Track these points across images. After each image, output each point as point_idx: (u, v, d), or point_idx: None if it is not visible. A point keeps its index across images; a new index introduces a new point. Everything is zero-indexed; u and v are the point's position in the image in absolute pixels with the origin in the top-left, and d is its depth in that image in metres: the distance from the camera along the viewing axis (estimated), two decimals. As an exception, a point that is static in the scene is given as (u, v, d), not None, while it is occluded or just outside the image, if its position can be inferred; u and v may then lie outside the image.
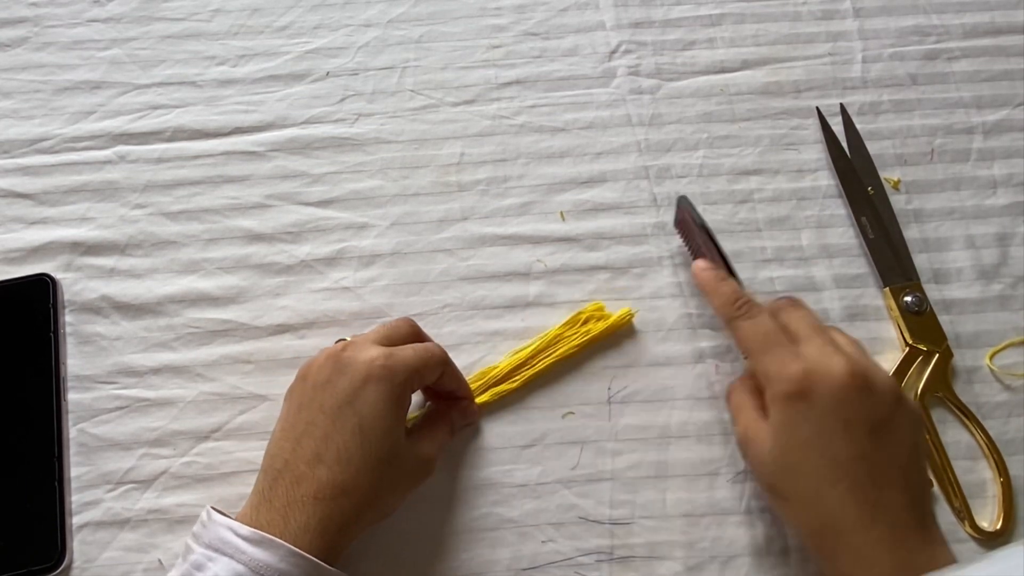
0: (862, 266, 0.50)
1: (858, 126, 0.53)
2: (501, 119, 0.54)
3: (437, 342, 0.44)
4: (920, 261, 0.50)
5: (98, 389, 0.46)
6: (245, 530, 0.35)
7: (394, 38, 0.56)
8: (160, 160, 0.52)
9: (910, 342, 0.47)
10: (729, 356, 0.47)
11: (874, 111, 0.54)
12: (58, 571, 0.42)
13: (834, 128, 0.53)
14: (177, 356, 0.47)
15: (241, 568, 0.34)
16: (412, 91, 0.54)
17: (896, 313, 0.48)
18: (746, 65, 0.55)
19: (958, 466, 0.45)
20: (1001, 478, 0.45)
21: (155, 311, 0.48)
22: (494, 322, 0.48)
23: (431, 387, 0.43)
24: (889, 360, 0.47)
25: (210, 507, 0.37)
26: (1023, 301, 0.49)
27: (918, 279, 0.49)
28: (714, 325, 0.48)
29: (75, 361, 0.47)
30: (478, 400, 0.45)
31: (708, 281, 0.43)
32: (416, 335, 0.43)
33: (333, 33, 0.56)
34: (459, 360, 0.46)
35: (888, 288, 0.48)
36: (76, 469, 0.44)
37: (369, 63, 0.55)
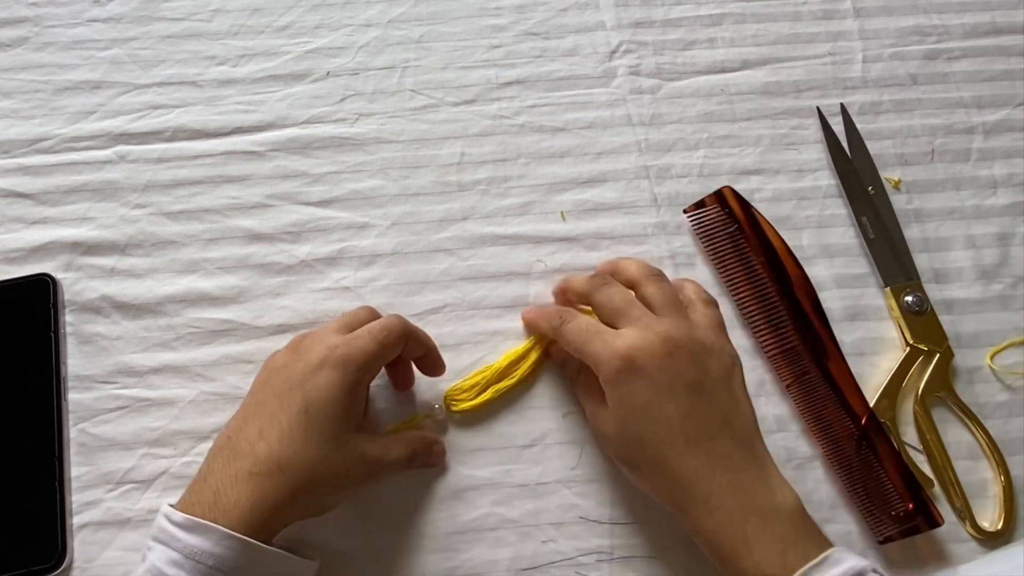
0: (863, 266, 0.50)
1: (858, 126, 0.53)
2: (501, 119, 0.53)
3: (435, 341, 0.44)
4: (921, 261, 0.50)
5: (98, 389, 0.46)
6: (178, 516, 0.35)
7: (394, 38, 0.56)
8: (160, 160, 0.52)
9: (911, 342, 0.47)
10: (729, 356, 0.47)
11: (874, 111, 0.54)
12: (58, 571, 0.42)
13: (834, 128, 0.53)
14: (177, 356, 0.47)
15: (176, 555, 0.34)
16: (412, 91, 0.54)
17: (897, 313, 0.48)
18: (746, 65, 0.55)
19: (959, 466, 0.45)
20: (1002, 478, 0.45)
21: (155, 311, 0.48)
22: (494, 322, 0.48)
23: (403, 359, 0.43)
24: (890, 360, 0.47)
25: (166, 502, 0.37)
26: (1023, 301, 0.49)
27: (919, 279, 0.49)
28: (714, 325, 0.48)
29: (75, 361, 0.47)
30: (480, 399, 0.45)
31: (532, 314, 0.46)
32: (374, 319, 0.42)
33: (333, 33, 0.56)
34: (459, 360, 0.47)
35: (889, 288, 0.48)
36: (76, 469, 0.44)
37: (369, 63, 0.55)
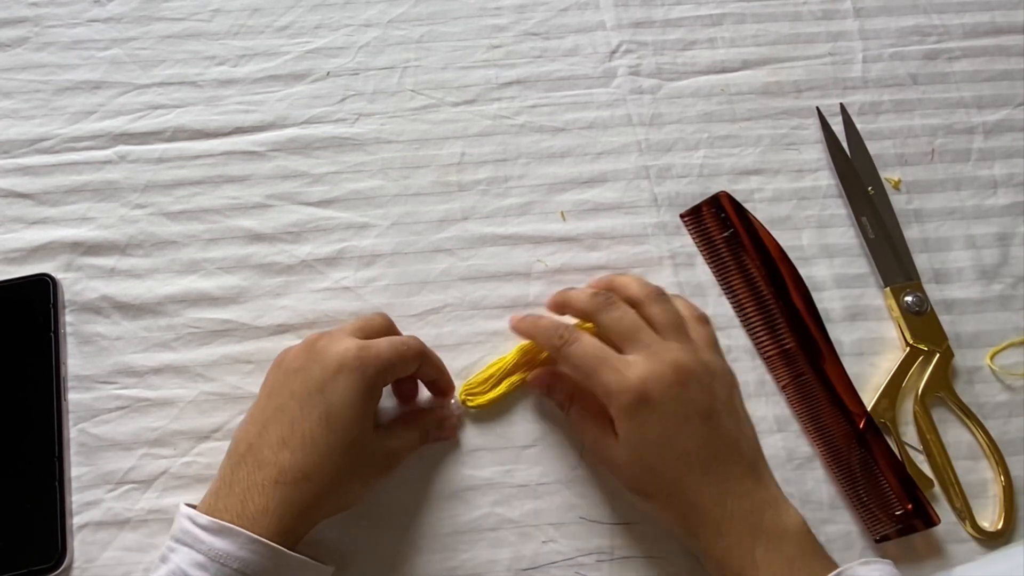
0: (863, 266, 0.50)
1: (858, 126, 0.53)
2: (501, 119, 0.53)
3: (435, 341, 0.44)
4: (921, 261, 0.50)
5: (98, 389, 0.46)
6: (204, 519, 0.35)
7: (394, 38, 0.56)
8: (160, 160, 0.52)
9: (911, 342, 0.47)
10: (729, 356, 0.47)
11: (874, 111, 0.54)
12: (58, 571, 0.42)
13: (834, 128, 0.53)
14: (177, 356, 0.47)
15: (200, 558, 0.34)
16: (412, 91, 0.54)
17: (897, 313, 0.48)
18: (746, 65, 0.55)
19: (959, 466, 0.45)
20: (1002, 478, 0.45)
21: (155, 311, 0.48)
22: (494, 322, 0.48)
23: (413, 377, 0.43)
24: (890, 360, 0.47)
25: (183, 503, 0.37)
26: (1023, 301, 0.49)
27: (919, 279, 0.49)
28: (715, 325, 0.48)
29: (75, 361, 0.47)
30: (495, 392, 0.45)
31: (526, 325, 0.45)
32: (390, 329, 0.43)
33: (333, 33, 0.56)
34: (459, 360, 0.47)
35: (889, 288, 0.48)
36: (76, 469, 0.44)
37: (369, 63, 0.55)
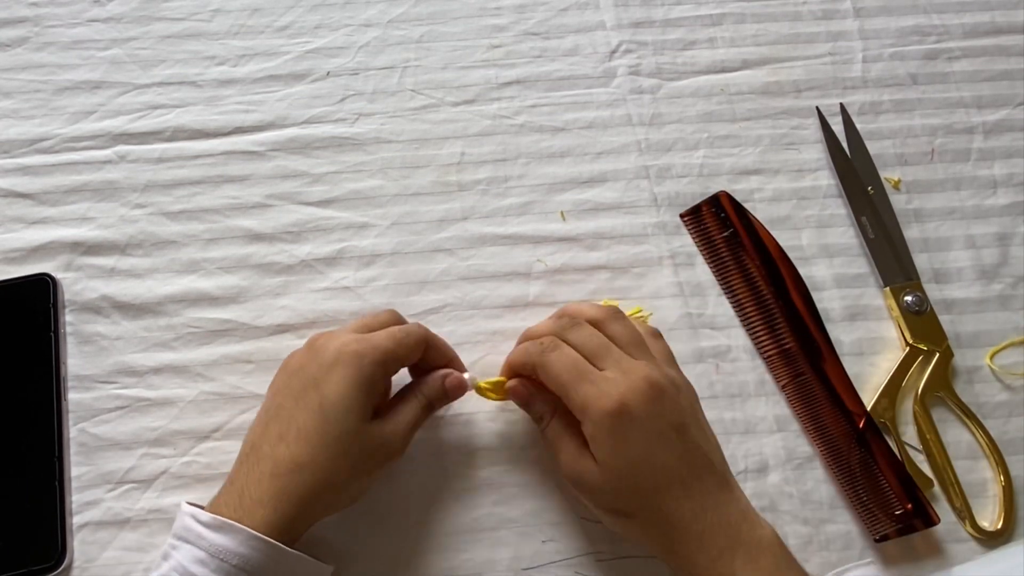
0: (862, 266, 0.50)
1: (858, 126, 0.53)
2: (501, 119, 0.53)
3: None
4: (920, 261, 0.50)
5: (98, 389, 0.46)
6: (205, 516, 0.35)
7: (394, 38, 0.56)
8: (160, 160, 0.52)
9: (910, 342, 0.47)
10: (729, 356, 0.47)
11: (874, 111, 0.54)
12: (58, 571, 0.42)
13: (834, 128, 0.53)
14: (177, 356, 0.47)
15: (201, 554, 0.34)
16: (412, 91, 0.54)
17: (896, 313, 0.48)
18: (746, 65, 0.55)
19: (959, 466, 0.45)
20: (1001, 478, 0.45)
21: (155, 311, 0.48)
22: (494, 322, 0.48)
23: (420, 365, 0.43)
24: (890, 360, 0.47)
25: (185, 501, 0.37)
26: (1023, 301, 0.49)
27: (918, 279, 0.49)
28: (715, 325, 0.48)
29: (75, 361, 0.47)
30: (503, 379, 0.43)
31: (510, 358, 0.42)
32: (396, 323, 0.43)
33: (333, 33, 0.56)
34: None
35: (888, 288, 0.48)
36: (76, 469, 0.44)
37: (369, 63, 0.55)
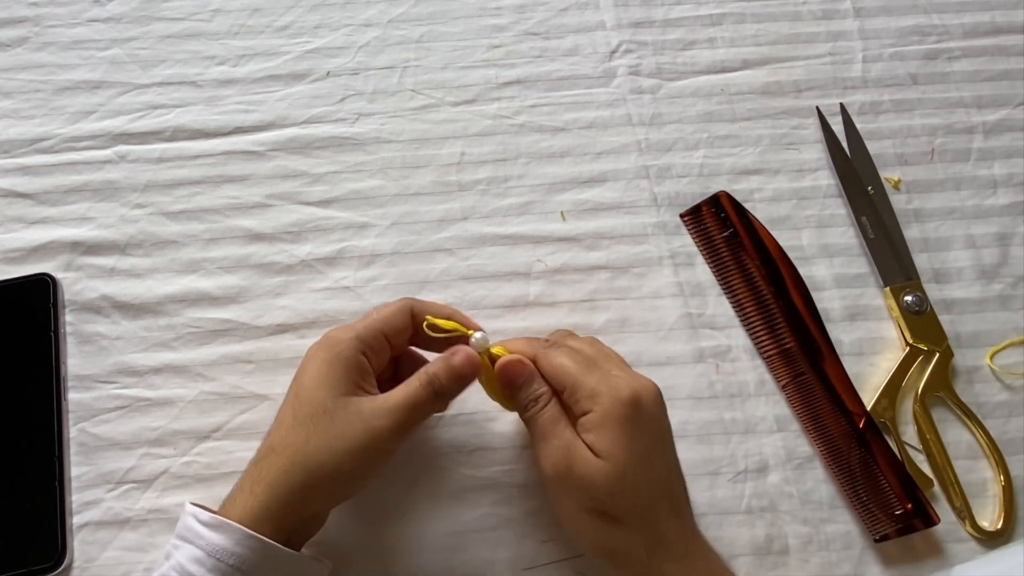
0: (862, 266, 0.50)
1: (858, 126, 0.53)
2: (501, 119, 0.53)
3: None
4: (920, 261, 0.50)
5: (98, 389, 0.46)
6: (205, 515, 0.35)
7: (394, 38, 0.56)
8: (160, 160, 0.52)
9: (910, 342, 0.47)
10: (729, 356, 0.47)
11: (874, 111, 0.54)
12: (58, 571, 0.42)
13: (834, 128, 0.53)
14: (177, 356, 0.47)
15: (199, 553, 0.34)
16: (412, 91, 0.54)
17: (896, 313, 0.48)
18: (746, 65, 0.55)
19: (959, 466, 0.45)
20: (1001, 478, 0.45)
21: (155, 311, 0.48)
22: (494, 322, 0.48)
23: (429, 339, 0.41)
24: (890, 360, 0.47)
25: (188, 501, 0.37)
26: (1023, 301, 0.49)
27: (918, 279, 0.49)
28: (715, 325, 0.48)
29: (75, 361, 0.47)
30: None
31: (515, 344, 0.41)
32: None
33: (333, 33, 0.56)
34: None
35: (888, 288, 0.48)
36: (76, 469, 0.44)
37: (369, 63, 0.55)
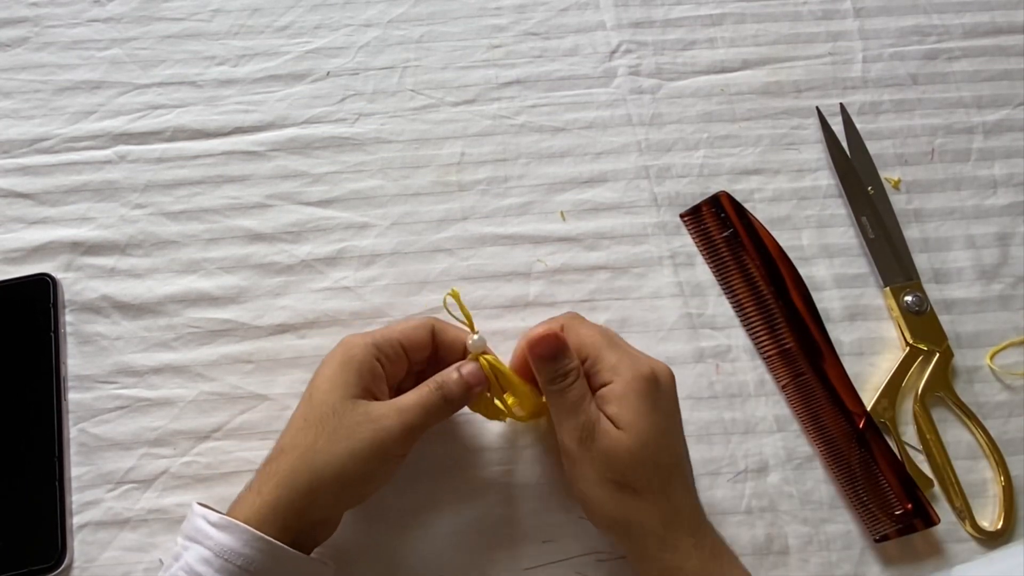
0: (862, 266, 0.50)
1: (858, 126, 0.53)
2: (501, 119, 0.54)
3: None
4: (920, 261, 0.50)
5: (98, 389, 0.46)
6: (214, 516, 0.35)
7: (394, 38, 0.56)
8: (160, 160, 0.52)
9: (910, 342, 0.47)
10: (729, 356, 0.47)
11: (874, 111, 0.54)
12: (58, 571, 0.42)
13: (834, 128, 0.53)
14: (177, 356, 0.47)
15: (208, 553, 0.34)
16: (412, 91, 0.54)
17: (896, 313, 0.48)
18: (746, 65, 0.55)
19: (959, 466, 0.45)
20: (1001, 478, 0.45)
21: (155, 311, 0.48)
22: (494, 322, 0.48)
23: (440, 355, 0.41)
24: (890, 360, 0.47)
25: (195, 502, 0.37)
26: (1023, 301, 0.49)
27: (918, 279, 0.49)
28: (715, 325, 0.48)
29: (75, 361, 0.47)
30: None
31: (535, 331, 0.40)
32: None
33: (333, 33, 0.56)
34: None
35: (888, 288, 0.48)
36: (76, 469, 0.44)
37: (369, 63, 0.55)
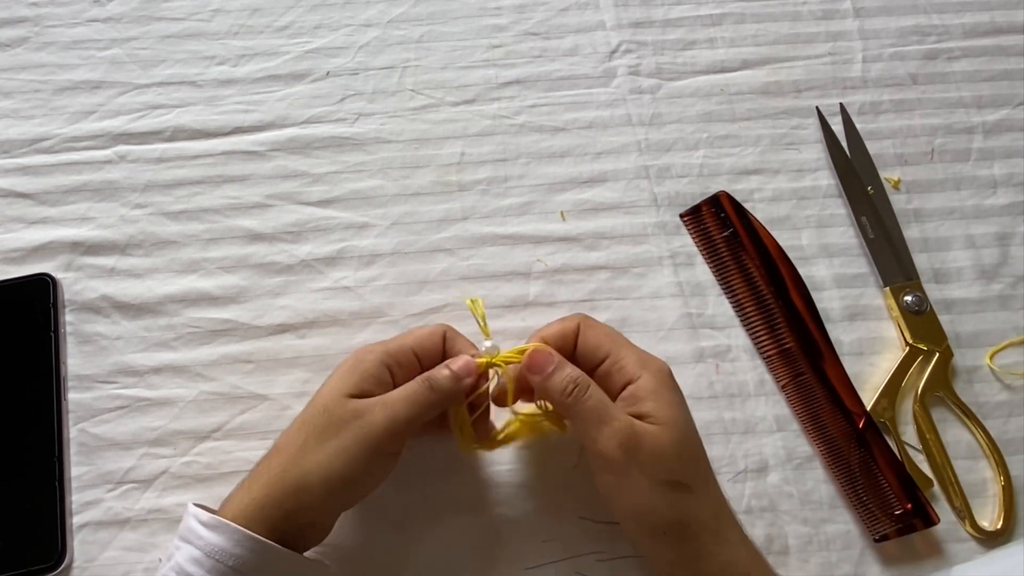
0: (862, 266, 0.50)
1: (858, 126, 0.53)
2: (501, 119, 0.54)
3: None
4: (920, 261, 0.50)
5: (98, 389, 0.46)
6: (205, 516, 0.35)
7: (394, 38, 0.56)
8: (160, 160, 0.52)
9: (910, 342, 0.47)
10: (729, 356, 0.47)
11: (874, 111, 0.54)
12: (58, 571, 0.42)
13: (834, 128, 0.53)
14: (177, 356, 0.47)
15: (198, 553, 0.34)
16: (412, 91, 0.54)
17: (896, 313, 0.48)
18: (746, 65, 0.55)
19: (958, 466, 0.45)
20: (1001, 478, 0.45)
21: (155, 311, 0.48)
22: (494, 322, 0.48)
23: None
24: (889, 360, 0.47)
25: (191, 502, 0.37)
26: (1023, 301, 0.49)
27: (918, 279, 0.49)
28: (715, 325, 0.48)
29: (75, 361, 0.47)
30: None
31: (549, 328, 0.40)
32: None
33: (333, 33, 0.56)
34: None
35: (888, 288, 0.48)
36: (76, 469, 0.44)
37: (369, 63, 0.55)
